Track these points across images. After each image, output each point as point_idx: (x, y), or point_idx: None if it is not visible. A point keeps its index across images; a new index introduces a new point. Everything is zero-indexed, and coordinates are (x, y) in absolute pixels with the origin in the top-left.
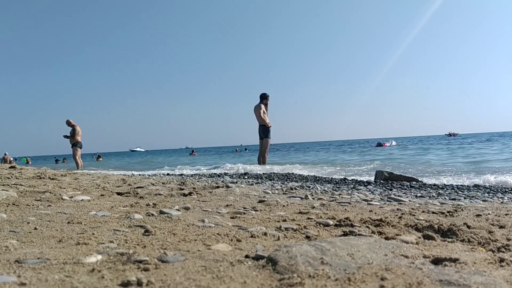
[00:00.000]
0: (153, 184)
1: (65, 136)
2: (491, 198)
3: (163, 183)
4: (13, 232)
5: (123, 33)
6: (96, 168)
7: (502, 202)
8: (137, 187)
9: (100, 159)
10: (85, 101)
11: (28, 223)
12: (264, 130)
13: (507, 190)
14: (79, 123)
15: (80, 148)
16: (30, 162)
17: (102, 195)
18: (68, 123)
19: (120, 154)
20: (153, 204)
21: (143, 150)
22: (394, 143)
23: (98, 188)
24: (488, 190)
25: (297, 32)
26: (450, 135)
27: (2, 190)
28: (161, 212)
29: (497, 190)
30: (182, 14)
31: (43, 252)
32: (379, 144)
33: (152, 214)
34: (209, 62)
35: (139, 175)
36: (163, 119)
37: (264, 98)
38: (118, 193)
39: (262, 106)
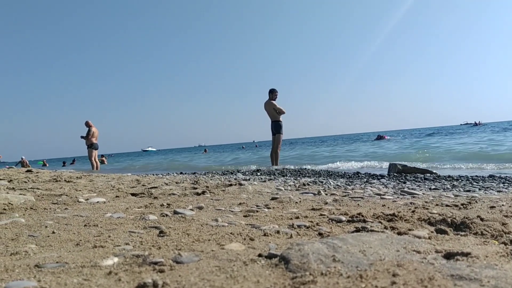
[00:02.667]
0: (166, 184)
1: (82, 137)
2: (506, 188)
3: (176, 183)
4: (32, 237)
5: (133, 33)
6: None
7: None
8: (151, 187)
9: (104, 159)
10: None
11: (46, 227)
12: (276, 126)
13: None
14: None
15: (96, 149)
16: (47, 165)
17: (117, 196)
18: (87, 123)
19: (132, 154)
20: (167, 204)
21: (154, 149)
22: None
23: (113, 189)
24: (503, 180)
25: (304, 26)
26: (475, 124)
27: (20, 194)
28: (175, 212)
29: None
30: (187, 13)
31: (61, 256)
32: (380, 137)
33: (166, 215)
34: (216, 61)
35: (153, 175)
36: (173, 118)
37: (272, 93)
38: (133, 194)
39: (273, 102)
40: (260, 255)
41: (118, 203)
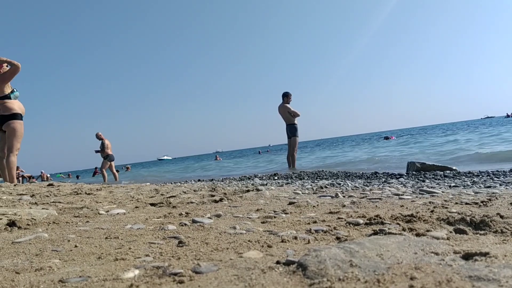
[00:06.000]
0: (185, 193)
1: (97, 151)
2: None
3: (194, 191)
4: (55, 251)
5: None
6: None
7: None
8: (169, 197)
9: (129, 167)
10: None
11: (69, 241)
12: (292, 129)
13: None
14: (105, 136)
15: (111, 161)
16: (71, 176)
17: (136, 207)
18: (98, 136)
19: (148, 164)
20: (185, 213)
21: (170, 158)
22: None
23: (132, 200)
24: None
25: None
26: (508, 116)
27: (43, 209)
28: (194, 221)
29: None
30: (182, 16)
31: (84, 270)
32: (386, 138)
33: (185, 224)
34: (233, 66)
35: (171, 183)
36: (189, 125)
37: (286, 96)
38: (152, 204)
39: (287, 105)
40: (278, 262)
41: (137, 213)
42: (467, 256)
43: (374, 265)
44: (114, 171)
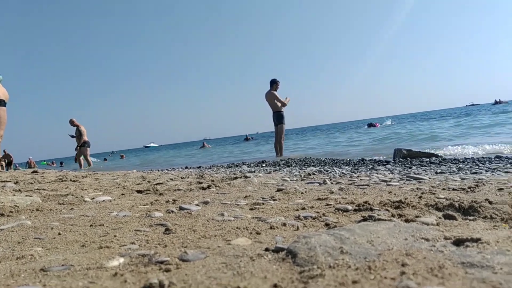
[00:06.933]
0: (172, 180)
1: (72, 136)
2: None
3: (181, 178)
4: (38, 239)
5: (129, 31)
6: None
7: None
8: (156, 184)
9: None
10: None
11: (52, 228)
12: (279, 117)
13: None
14: (86, 123)
15: (88, 147)
16: (54, 164)
17: (122, 194)
18: (71, 122)
19: (134, 151)
20: (172, 200)
21: (157, 145)
22: (389, 122)
23: (118, 187)
24: (511, 161)
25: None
26: (496, 102)
27: (26, 196)
28: (181, 208)
29: None
30: (157, 9)
31: (67, 258)
32: (370, 125)
33: (172, 211)
34: (219, 52)
35: (158, 170)
36: (175, 112)
37: (274, 83)
38: (138, 191)
39: (275, 92)
40: (267, 249)
41: (123, 201)
42: (458, 242)
43: (365, 252)
44: (89, 158)
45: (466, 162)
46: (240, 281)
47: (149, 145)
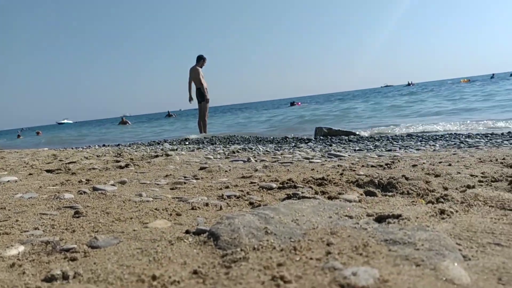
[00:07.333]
0: (86, 158)
1: None
2: (423, 146)
3: (97, 156)
4: None
5: None
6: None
7: (434, 150)
8: (68, 163)
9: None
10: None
11: None
12: (201, 94)
13: (437, 137)
14: None
15: None
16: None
17: (30, 174)
18: None
19: (46, 128)
20: (86, 180)
21: (71, 121)
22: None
23: (26, 166)
24: (420, 138)
25: None
26: (409, 84)
27: None
28: (95, 189)
29: (429, 138)
30: None
31: None
32: (293, 104)
33: (85, 192)
34: (140, 14)
35: (72, 148)
36: (91, 85)
37: (202, 59)
38: (48, 171)
39: (200, 69)
40: (187, 232)
41: (31, 181)
42: (380, 219)
43: (290, 232)
44: None
45: (381, 140)
46: (156, 269)
47: (62, 121)
